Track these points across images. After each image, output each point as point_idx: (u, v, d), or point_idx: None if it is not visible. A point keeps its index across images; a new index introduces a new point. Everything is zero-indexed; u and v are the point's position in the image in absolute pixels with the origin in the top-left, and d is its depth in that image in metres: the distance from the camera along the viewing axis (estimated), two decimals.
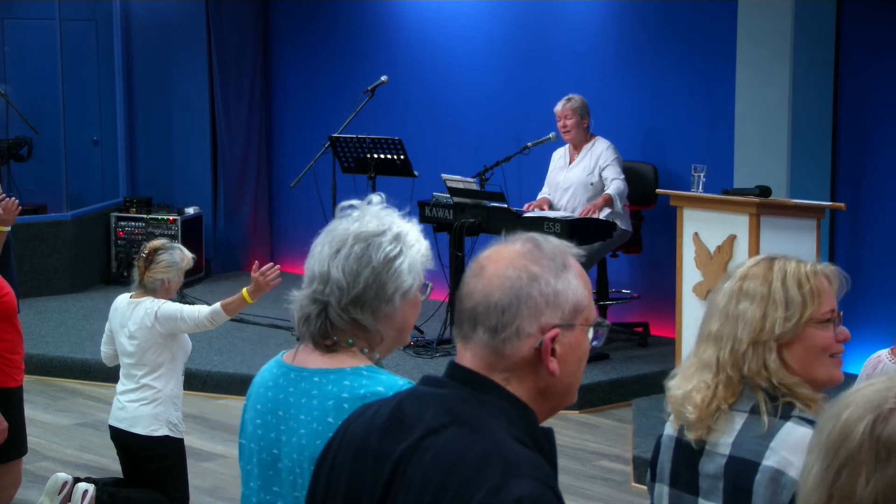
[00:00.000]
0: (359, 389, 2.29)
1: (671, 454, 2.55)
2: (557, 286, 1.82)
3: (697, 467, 2.47)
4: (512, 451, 1.75)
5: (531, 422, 1.84)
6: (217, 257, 10.83)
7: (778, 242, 5.83)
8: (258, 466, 2.38)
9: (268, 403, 2.38)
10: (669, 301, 6.75)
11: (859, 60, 7.44)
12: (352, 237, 2.32)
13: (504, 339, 1.80)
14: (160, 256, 5.17)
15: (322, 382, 2.32)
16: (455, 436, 1.76)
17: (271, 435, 2.36)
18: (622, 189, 7.73)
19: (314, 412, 2.30)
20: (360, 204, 2.40)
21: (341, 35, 10.32)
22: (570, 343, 1.85)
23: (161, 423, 5.13)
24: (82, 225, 10.10)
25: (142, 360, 5.14)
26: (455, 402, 1.80)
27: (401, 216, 2.40)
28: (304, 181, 8.68)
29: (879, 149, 7.41)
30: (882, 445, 1.49)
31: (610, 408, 7.34)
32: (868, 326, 7.29)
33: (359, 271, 2.30)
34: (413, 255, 2.36)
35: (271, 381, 2.40)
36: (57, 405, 7.47)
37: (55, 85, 10.36)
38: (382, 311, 2.33)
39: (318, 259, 2.34)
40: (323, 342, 2.34)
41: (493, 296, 1.81)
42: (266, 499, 2.37)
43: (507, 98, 9.21)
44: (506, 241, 1.87)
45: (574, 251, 1.89)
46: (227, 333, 8.28)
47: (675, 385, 2.50)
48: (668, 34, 8.33)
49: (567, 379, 1.88)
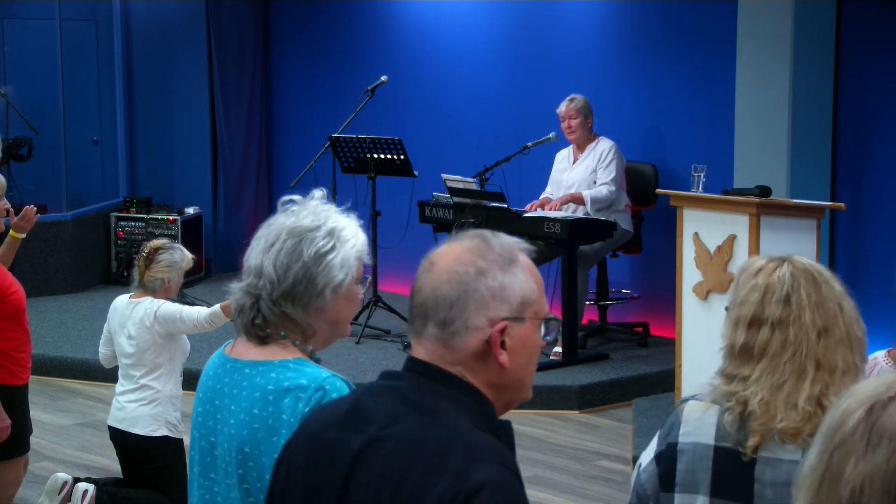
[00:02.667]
0: (283, 382, 2.34)
1: (708, 463, 2.48)
2: (504, 280, 1.85)
3: (752, 476, 2.42)
4: (474, 437, 1.77)
5: (490, 412, 1.86)
6: (217, 257, 10.83)
7: (778, 242, 5.83)
8: (199, 453, 2.46)
9: (208, 392, 2.46)
10: (669, 301, 6.75)
11: (859, 60, 7.44)
12: (285, 232, 2.38)
13: (453, 333, 1.84)
14: (161, 256, 5.17)
15: (251, 374, 2.38)
16: (415, 424, 1.79)
17: (209, 423, 2.44)
18: (603, 196, 7.70)
19: (243, 403, 2.37)
20: (300, 199, 2.45)
21: (341, 35, 10.32)
22: (520, 336, 1.86)
23: (160, 423, 5.12)
24: (82, 225, 10.09)
25: (141, 360, 5.13)
26: (414, 393, 1.83)
27: (339, 212, 2.44)
28: (304, 181, 8.68)
29: (879, 149, 7.41)
30: (875, 431, 1.51)
31: (610, 408, 7.34)
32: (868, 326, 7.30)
33: (289, 265, 2.36)
34: (347, 251, 2.39)
35: (212, 371, 2.48)
36: (57, 405, 7.47)
37: (55, 85, 10.36)
38: (313, 305, 2.38)
39: (255, 252, 2.40)
40: (256, 334, 2.40)
41: (440, 290, 1.84)
42: (205, 484, 2.44)
43: (507, 98, 9.21)
44: (456, 238, 1.91)
45: (524, 247, 1.91)
46: (227, 333, 8.24)
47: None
48: (668, 34, 8.33)
49: (518, 372, 1.88)
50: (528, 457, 6.39)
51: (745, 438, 2.42)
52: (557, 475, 6.29)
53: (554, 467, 6.40)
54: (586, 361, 7.66)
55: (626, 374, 7.52)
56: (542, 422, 7.04)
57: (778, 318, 2.43)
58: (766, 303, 2.44)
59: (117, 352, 5.24)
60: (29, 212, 5.38)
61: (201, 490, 2.45)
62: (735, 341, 2.47)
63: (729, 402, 2.46)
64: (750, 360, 2.45)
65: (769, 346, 2.43)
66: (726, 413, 2.45)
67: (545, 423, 7.04)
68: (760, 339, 2.43)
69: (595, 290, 8.25)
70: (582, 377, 7.43)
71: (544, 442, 6.76)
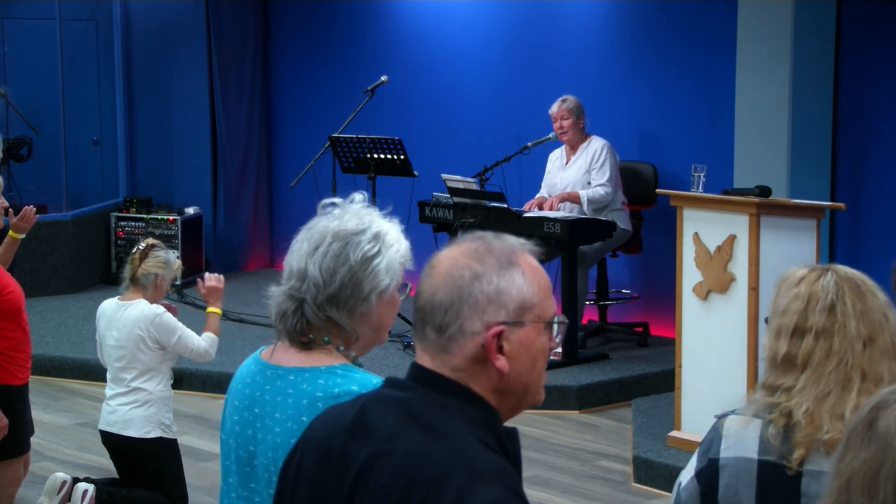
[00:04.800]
0: (333, 388, 2.29)
1: (751, 478, 2.41)
2: (500, 284, 1.81)
3: (798, 490, 2.36)
4: (476, 456, 1.73)
5: (495, 422, 1.82)
6: (217, 257, 10.82)
7: (778, 242, 5.83)
8: (236, 463, 2.41)
9: (245, 400, 2.40)
10: (669, 301, 6.75)
11: (859, 60, 7.44)
12: (330, 235, 2.33)
13: (449, 338, 1.81)
14: (156, 252, 5.17)
15: (297, 381, 2.33)
16: (417, 441, 1.76)
17: (248, 432, 2.38)
18: (600, 196, 7.70)
19: (289, 411, 2.31)
20: (341, 202, 2.40)
21: (341, 35, 10.32)
22: (520, 340, 1.82)
23: (154, 424, 5.12)
24: (82, 225, 10.09)
25: (131, 362, 5.13)
26: (417, 406, 1.80)
27: (382, 216, 2.40)
28: (304, 181, 8.68)
29: (879, 149, 7.41)
30: (870, 430, 1.55)
31: (610, 408, 7.34)
32: None
33: (335, 269, 2.30)
34: (392, 255, 2.35)
35: (249, 378, 2.41)
36: (57, 405, 7.47)
37: (55, 85, 10.36)
38: (358, 310, 2.33)
39: (297, 256, 2.35)
40: (299, 339, 2.35)
41: (437, 294, 1.82)
42: (243, 495, 2.39)
43: (507, 98, 9.21)
44: (458, 241, 1.88)
45: (529, 248, 1.88)
46: (227, 333, 8.27)
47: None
48: (668, 34, 8.33)
49: (521, 377, 1.84)
50: (528, 457, 6.39)
51: (790, 451, 2.36)
52: (557, 475, 6.29)
53: (554, 467, 6.40)
54: (586, 361, 7.66)
55: (626, 374, 7.52)
56: (541, 422, 7.04)
57: (822, 327, 2.38)
58: (809, 311, 2.39)
59: (105, 354, 5.23)
60: (28, 212, 5.37)
61: (241, 501, 2.39)
62: (777, 351, 2.42)
63: (772, 415, 2.39)
64: (793, 369, 2.39)
65: (813, 356, 2.38)
66: (769, 426, 2.39)
67: (545, 423, 7.04)
68: (804, 349, 2.38)
69: (595, 290, 8.25)
70: (582, 377, 7.43)
71: (544, 442, 6.76)
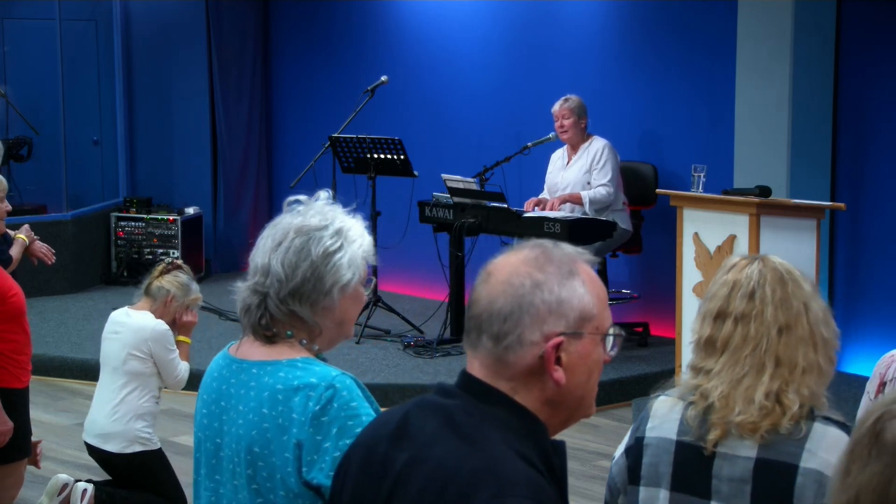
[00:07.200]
0: (293, 381, 2.34)
1: (669, 457, 2.52)
2: (562, 294, 1.78)
3: (710, 471, 2.45)
4: (509, 468, 1.71)
5: (540, 434, 1.79)
6: (217, 257, 10.83)
7: (778, 242, 5.83)
8: (204, 455, 2.46)
9: (212, 394, 2.46)
10: (669, 301, 6.75)
11: (859, 60, 7.44)
12: (293, 230, 2.38)
13: (507, 347, 1.78)
14: (180, 274, 5.20)
15: (259, 374, 2.38)
16: (451, 449, 1.74)
17: (214, 425, 2.44)
18: (602, 196, 7.69)
19: (251, 403, 2.37)
20: (306, 199, 2.46)
21: (341, 35, 10.32)
22: (579, 352, 1.80)
23: (130, 440, 5.12)
24: (82, 225, 10.09)
25: (122, 366, 5.14)
26: (458, 414, 1.78)
27: (345, 212, 2.45)
28: (304, 181, 8.68)
29: (879, 149, 7.41)
30: (877, 442, 1.53)
31: (610, 408, 7.34)
32: (868, 326, 7.30)
33: (297, 264, 2.36)
34: (354, 251, 2.40)
35: (216, 373, 2.48)
36: (57, 405, 7.47)
37: (55, 85, 10.36)
38: (321, 304, 2.38)
39: (261, 251, 2.40)
40: (263, 333, 2.40)
41: (496, 303, 1.79)
42: (210, 486, 2.45)
43: (507, 98, 9.21)
44: (516, 248, 1.85)
45: (587, 258, 1.86)
46: (225, 333, 8.27)
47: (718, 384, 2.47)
48: (668, 34, 8.33)
49: (577, 390, 1.82)
50: None
51: (707, 433, 2.45)
52: None
53: None
54: None
55: (626, 374, 7.52)
56: None
57: (741, 313, 2.47)
58: (732, 297, 2.49)
59: (101, 357, 5.25)
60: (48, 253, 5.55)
61: (207, 492, 2.45)
62: (702, 334, 2.53)
63: (693, 396, 2.50)
64: (713, 353, 2.49)
65: (731, 340, 2.47)
66: (689, 407, 2.49)
67: None
68: (724, 333, 2.48)
69: None
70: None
71: None
